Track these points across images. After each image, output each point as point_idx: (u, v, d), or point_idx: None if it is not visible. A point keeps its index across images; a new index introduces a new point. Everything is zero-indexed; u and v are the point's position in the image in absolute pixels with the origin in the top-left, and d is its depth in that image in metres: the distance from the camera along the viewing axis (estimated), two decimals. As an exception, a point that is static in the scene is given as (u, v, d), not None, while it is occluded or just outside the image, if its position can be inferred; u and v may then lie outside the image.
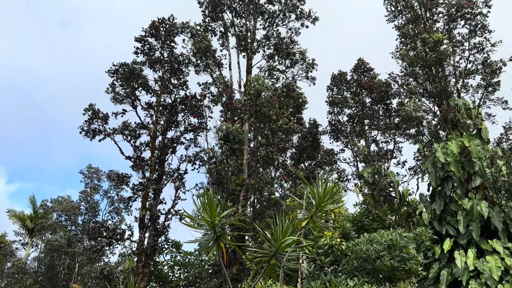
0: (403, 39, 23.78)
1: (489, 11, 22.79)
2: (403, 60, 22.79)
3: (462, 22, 23.19)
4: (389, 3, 25.55)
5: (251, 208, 22.48)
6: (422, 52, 22.34)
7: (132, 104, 23.94)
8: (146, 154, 23.69)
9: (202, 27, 25.99)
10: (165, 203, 23.09)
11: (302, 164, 30.60)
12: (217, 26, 26.70)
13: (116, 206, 35.98)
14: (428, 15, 24.23)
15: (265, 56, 26.62)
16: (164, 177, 23.27)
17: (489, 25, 22.68)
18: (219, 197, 18.87)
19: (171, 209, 22.60)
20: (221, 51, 26.48)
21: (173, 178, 23.23)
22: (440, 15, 24.05)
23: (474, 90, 22.24)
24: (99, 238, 24.27)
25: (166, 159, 23.65)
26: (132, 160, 23.28)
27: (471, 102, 22.09)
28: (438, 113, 22.75)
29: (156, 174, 23.10)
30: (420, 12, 24.43)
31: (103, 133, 23.35)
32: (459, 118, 21.46)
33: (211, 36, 26.32)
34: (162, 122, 24.05)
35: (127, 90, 23.77)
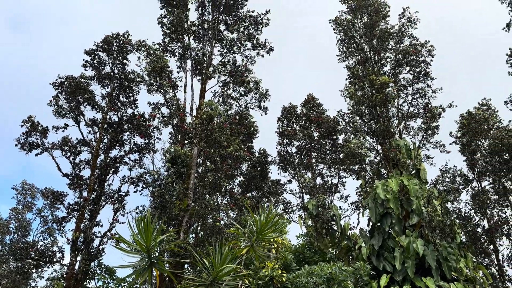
0: (352, 79, 24.85)
1: (432, 60, 24.47)
2: (351, 99, 23.72)
3: (408, 68, 24.68)
4: (341, 44, 26.77)
5: (194, 235, 21.85)
6: (369, 92, 23.39)
7: (76, 119, 22.89)
8: (86, 173, 22.55)
9: (162, 47, 25.75)
10: (102, 226, 21.89)
11: (250, 193, 30.49)
12: (176, 47, 26.56)
13: (49, 227, 33.77)
14: (376, 58, 25.60)
15: (219, 82, 26.71)
16: (103, 197, 22.14)
17: (431, 73, 24.30)
18: (160, 221, 18.17)
19: (108, 232, 21.43)
20: (178, 72, 26.32)
21: (112, 199, 22.16)
22: (388, 59, 25.49)
23: (415, 132, 23.48)
24: (26, 260, 22.46)
25: (107, 179, 22.60)
26: (70, 178, 22.04)
27: (411, 143, 23.25)
28: (380, 151, 23.69)
29: (95, 194, 21.96)
30: (369, 55, 25.77)
31: (40, 147, 22.03)
32: (400, 157, 22.44)
33: (170, 56, 26.14)
34: (106, 140, 23.10)
35: (71, 104, 22.76)
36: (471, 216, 26.79)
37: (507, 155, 25.58)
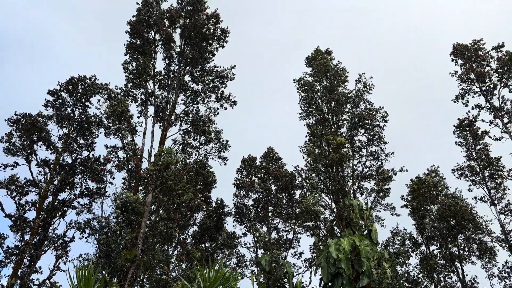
0: (311, 137, 25.64)
1: (385, 125, 25.77)
2: (309, 156, 24.35)
3: (362, 131, 25.82)
4: (303, 103, 27.85)
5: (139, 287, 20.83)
6: (326, 151, 24.13)
7: (27, 158, 22.03)
8: (31, 215, 21.41)
9: (124, 92, 25.71)
10: (41, 273, 20.49)
11: (203, 244, 29.78)
12: (139, 93, 26.60)
13: (-18, 270, 31.18)
14: (334, 119, 26.70)
15: (181, 130, 26.75)
16: (46, 242, 20.92)
17: (384, 137, 25.49)
18: (104, 272, 17.26)
19: (47, 281, 20.06)
20: (138, 117, 26.15)
21: (56, 245, 20.98)
22: (345, 121, 26.63)
23: (367, 193, 24.16)
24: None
25: (53, 222, 21.48)
26: (13, 219, 20.83)
27: (364, 203, 23.84)
28: (334, 209, 24.09)
29: (37, 238, 20.74)
30: (328, 116, 26.86)
31: (-16, 185, 20.89)
32: (353, 217, 22.85)
33: (132, 101, 26.04)
34: (56, 182, 22.23)
35: (24, 143, 22.00)
36: (419, 280, 27.21)
37: (453, 221, 26.62)
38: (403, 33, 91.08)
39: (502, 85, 26.21)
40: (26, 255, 20.47)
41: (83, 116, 24.03)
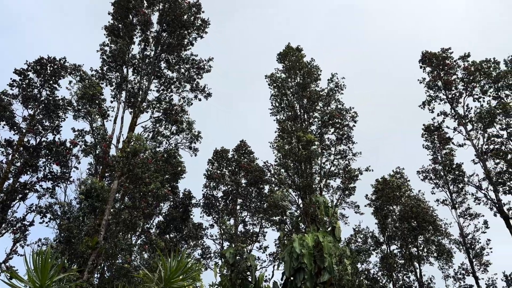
0: (281, 133, 25.82)
1: (354, 125, 26.24)
2: (279, 151, 24.53)
3: (332, 130, 26.19)
4: (274, 99, 27.95)
5: (99, 275, 20.51)
6: (296, 148, 24.38)
7: (-12, 137, 21.28)
8: (-11, 196, 20.66)
9: (99, 74, 25.07)
10: (-3, 256, 19.92)
11: (168, 235, 29.57)
12: (114, 77, 25.97)
13: None
14: (305, 117, 26.97)
15: (152, 118, 26.35)
16: (4, 225, 20.29)
17: (353, 137, 25.97)
18: (63, 257, 16.89)
19: (2, 264, 19.48)
20: (111, 102, 25.56)
21: (14, 228, 20.37)
22: (316, 119, 26.94)
23: (334, 190, 24.60)
24: None
25: (12, 205, 20.86)
26: (-31, 200, 20.11)
27: (330, 201, 24.27)
28: (301, 205, 24.42)
29: (-5, 220, 20.11)
30: (299, 113, 27.10)
31: None
32: (318, 214, 23.23)
33: (106, 85, 25.43)
34: (18, 164, 21.55)
35: (-14, 121, 21.24)
36: (378, 278, 27.98)
37: (415, 222, 27.46)
38: (383, 37, 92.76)
39: (467, 93, 27.15)
40: (-18, 238, 19.82)
41: (50, 98, 23.34)
